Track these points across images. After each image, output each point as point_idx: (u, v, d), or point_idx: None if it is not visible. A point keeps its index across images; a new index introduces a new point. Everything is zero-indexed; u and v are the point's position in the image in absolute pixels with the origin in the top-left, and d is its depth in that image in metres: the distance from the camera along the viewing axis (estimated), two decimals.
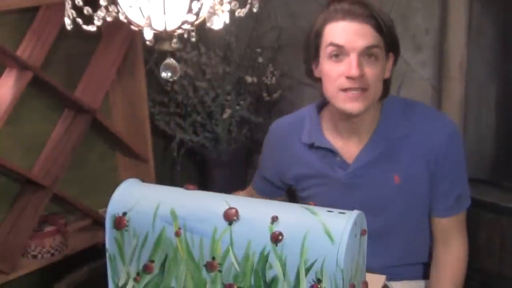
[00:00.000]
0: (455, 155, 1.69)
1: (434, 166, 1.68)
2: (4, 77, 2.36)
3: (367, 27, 1.57)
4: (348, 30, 1.57)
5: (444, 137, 1.67)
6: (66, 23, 1.31)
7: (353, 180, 1.71)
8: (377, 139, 1.69)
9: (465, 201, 1.74)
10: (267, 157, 1.92)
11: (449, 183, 1.70)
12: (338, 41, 1.58)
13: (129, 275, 1.30)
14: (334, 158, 1.73)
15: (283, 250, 1.15)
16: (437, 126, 1.69)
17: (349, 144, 1.72)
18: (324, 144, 1.73)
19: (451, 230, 1.74)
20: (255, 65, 3.02)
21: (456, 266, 1.74)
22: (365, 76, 1.57)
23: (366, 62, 1.58)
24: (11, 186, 2.52)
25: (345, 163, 1.71)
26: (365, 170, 1.70)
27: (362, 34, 1.56)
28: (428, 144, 1.67)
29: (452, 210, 1.72)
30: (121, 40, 2.64)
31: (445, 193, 1.70)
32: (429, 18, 2.57)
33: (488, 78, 2.49)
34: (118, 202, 1.30)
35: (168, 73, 1.36)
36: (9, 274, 2.37)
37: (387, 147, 1.68)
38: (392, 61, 1.68)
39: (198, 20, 1.31)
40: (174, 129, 3.02)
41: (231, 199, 1.23)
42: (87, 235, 2.72)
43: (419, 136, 1.68)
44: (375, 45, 1.57)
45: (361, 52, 1.57)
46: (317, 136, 1.75)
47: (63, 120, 2.62)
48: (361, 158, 1.70)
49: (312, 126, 1.77)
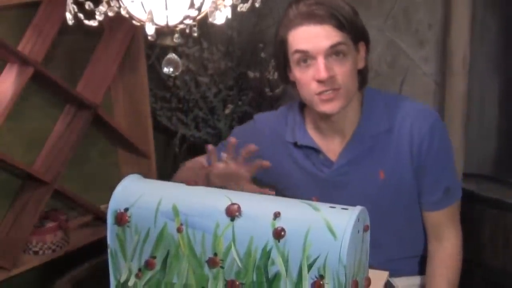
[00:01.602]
0: (439, 147, 1.68)
1: (417, 159, 1.67)
2: (5, 72, 2.36)
3: (327, 27, 1.56)
4: (309, 34, 1.56)
5: (427, 129, 1.66)
6: (68, 18, 1.31)
7: (338, 178, 1.71)
8: (360, 135, 1.69)
9: (455, 193, 1.73)
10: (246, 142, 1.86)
11: (435, 176, 1.69)
12: (302, 47, 1.58)
13: (130, 271, 1.30)
14: (317, 156, 1.73)
15: (286, 246, 1.14)
16: (419, 119, 1.68)
17: (332, 142, 1.72)
18: (307, 143, 1.73)
19: (443, 224, 1.73)
20: (257, 60, 3.02)
21: (449, 261, 1.73)
22: (335, 77, 1.58)
23: (334, 62, 1.58)
24: (12, 182, 2.52)
25: (329, 161, 1.71)
26: (350, 167, 1.70)
27: (324, 36, 1.56)
28: (411, 137, 1.66)
29: (441, 203, 1.71)
30: (122, 35, 2.63)
31: (432, 186, 1.70)
32: (432, 13, 2.56)
33: (491, 73, 2.48)
34: (120, 198, 1.30)
35: (170, 68, 1.35)
36: (10, 270, 2.38)
37: (371, 143, 1.68)
38: (364, 50, 1.67)
39: (200, 15, 1.30)
40: (176, 125, 3.02)
41: (233, 195, 1.22)
42: (88, 231, 2.72)
43: (402, 130, 1.67)
44: (339, 42, 1.57)
45: (327, 53, 1.56)
46: (300, 134, 1.75)
47: (65, 116, 2.62)
48: (344, 155, 1.70)
49: (296, 124, 1.77)
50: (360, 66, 1.66)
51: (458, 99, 2.47)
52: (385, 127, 1.68)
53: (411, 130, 1.66)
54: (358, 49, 1.64)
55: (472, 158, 2.47)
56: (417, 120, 1.67)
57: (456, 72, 2.46)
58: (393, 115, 1.69)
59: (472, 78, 2.47)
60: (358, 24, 1.63)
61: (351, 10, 1.61)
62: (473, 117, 2.51)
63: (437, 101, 2.56)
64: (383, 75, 2.68)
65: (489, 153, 2.52)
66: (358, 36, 1.63)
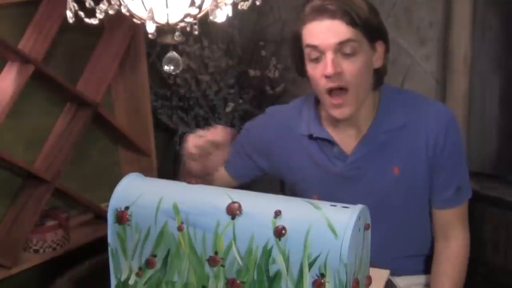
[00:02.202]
0: (453, 145, 1.68)
1: (432, 157, 1.67)
2: (5, 70, 2.36)
3: (337, 23, 1.54)
4: (319, 29, 1.55)
5: (442, 126, 1.66)
6: (68, 16, 1.30)
7: (351, 172, 1.70)
8: (375, 130, 1.68)
9: (465, 193, 1.73)
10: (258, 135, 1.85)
11: (448, 173, 1.69)
12: (312, 41, 1.57)
13: (131, 269, 1.30)
14: (332, 149, 1.72)
15: (287, 244, 1.14)
16: (435, 116, 1.68)
17: (347, 135, 1.71)
18: (323, 135, 1.72)
19: (451, 223, 1.73)
20: (258, 59, 3.02)
21: (455, 261, 1.73)
22: (343, 73, 1.56)
23: (343, 59, 1.56)
24: (12, 180, 2.52)
25: (344, 154, 1.70)
26: (364, 162, 1.69)
27: (333, 31, 1.54)
28: (426, 134, 1.66)
29: (451, 201, 1.71)
30: (123, 33, 2.63)
31: (445, 184, 1.69)
32: (433, 11, 2.55)
33: (492, 71, 2.47)
34: (120, 196, 1.30)
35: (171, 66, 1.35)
36: (10, 268, 2.37)
37: (386, 138, 1.67)
38: (383, 49, 1.65)
39: (201, 13, 1.30)
40: (177, 123, 3.02)
41: (234, 193, 1.22)
42: (89, 230, 2.72)
43: (417, 126, 1.67)
44: (348, 39, 1.54)
45: (336, 49, 1.55)
46: (315, 127, 1.74)
47: (65, 114, 2.62)
48: (359, 149, 1.69)
49: (311, 116, 1.76)
50: (377, 65, 1.64)
51: (459, 97, 2.46)
52: (400, 123, 1.67)
53: (427, 127, 1.66)
54: (374, 48, 1.62)
55: (474, 156, 2.46)
56: (433, 118, 1.67)
57: (457, 70, 2.46)
58: (410, 112, 1.68)
59: (473, 76, 2.46)
60: (374, 23, 1.60)
61: (368, 8, 1.59)
62: (474, 116, 2.51)
63: (438, 100, 2.55)
64: None
65: (491, 152, 2.52)
66: (374, 34, 1.60)
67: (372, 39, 1.60)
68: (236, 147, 1.84)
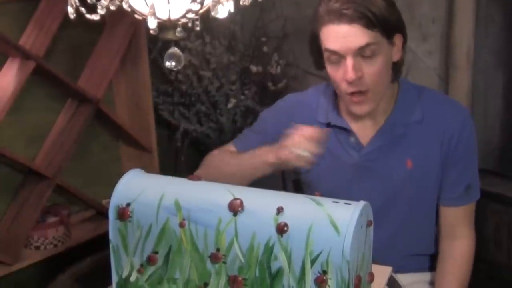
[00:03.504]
0: (468, 142, 1.69)
1: (446, 152, 1.68)
2: (6, 66, 2.35)
3: (357, 27, 1.52)
4: (338, 34, 1.54)
5: (458, 123, 1.67)
6: (69, 12, 1.30)
7: (366, 163, 1.70)
8: (392, 123, 1.68)
9: (475, 192, 1.73)
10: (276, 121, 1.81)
11: (460, 170, 1.69)
12: (332, 47, 1.56)
13: (132, 266, 1.29)
14: (348, 138, 1.72)
15: (289, 241, 1.13)
16: (452, 112, 1.69)
17: (364, 126, 1.71)
18: (340, 123, 1.72)
19: (458, 222, 1.73)
20: (260, 55, 3.01)
21: (461, 261, 1.73)
22: (364, 77, 1.56)
23: (363, 61, 1.56)
24: (13, 176, 2.52)
25: (360, 144, 1.70)
26: (379, 154, 1.69)
27: (353, 36, 1.53)
28: (442, 129, 1.67)
29: (460, 199, 1.71)
30: (124, 29, 2.63)
31: (455, 181, 1.70)
32: (435, 7, 2.55)
33: (495, 67, 2.47)
34: (122, 193, 1.29)
35: (172, 62, 1.34)
36: (12, 265, 2.37)
37: (402, 131, 1.68)
38: (401, 41, 1.64)
39: (203, 9, 1.30)
40: (178, 119, 3.01)
41: (235, 190, 1.22)
42: (90, 226, 2.71)
43: (434, 121, 1.68)
44: (368, 43, 1.54)
45: (356, 53, 1.54)
46: (333, 115, 1.74)
47: (66, 110, 2.62)
48: (375, 141, 1.69)
49: (329, 105, 1.75)
50: (396, 58, 1.64)
51: (462, 93, 2.46)
52: (417, 117, 1.68)
53: (443, 123, 1.67)
54: (393, 42, 1.61)
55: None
56: (449, 115, 1.68)
57: (460, 66, 2.45)
58: (426, 107, 1.69)
59: (476, 72, 2.46)
60: (391, 18, 1.58)
61: (385, 3, 1.56)
62: (477, 111, 2.50)
63: None
64: None
65: (493, 148, 2.51)
66: (392, 30, 1.59)
67: (390, 35, 1.59)
68: (250, 135, 1.86)
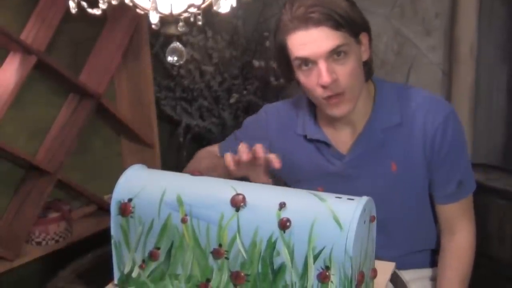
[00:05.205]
0: (452, 139, 1.64)
1: (431, 152, 1.64)
2: (8, 61, 2.35)
3: (325, 29, 1.50)
4: (307, 39, 1.51)
5: (439, 122, 1.63)
6: (71, 6, 1.30)
7: (349, 170, 1.68)
8: (371, 129, 1.65)
9: (468, 187, 1.71)
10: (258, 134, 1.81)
11: (448, 168, 1.67)
12: (302, 53, 1.52)
13: (134, 262, 1.29)
14: (328, 149, 1.70)
15: (291, 237, 1.13)
16: (433, 111, 1.64)
17: (343, 134, 1.69)
18: (318, 136, 1.70)
19: (456, 217, 1.71)
20: (262, 49, 3.00)
21: (461, 255, 1.72)
22: (338, 80, 1.53)
23: (335, 64, 1.52)
24: (15, 172, 2.51)
25: (340, 154, 1.69)
26: (361, 161, 1.67)
27: (323, 39, 1.50)
28: (424, 129, 1.63)
29: (454, 196, 1.69)
30: (126, 23, 2.62)
31: (445, 179, 1.67)
32: (438, 1, 2.54)
33: (499, 62, 2.46)
34: (124, 188, 1.29)
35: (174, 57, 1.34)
36: (13, 261, 2.37)
37: (382, 136, 1.65)
38: (367, 40, 1.61)
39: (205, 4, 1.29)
40: (180, 114, 3.01)
41: (238, 185, 1.21)
42: (92, 222, 2.71)
43: (414, 122, 1.64)
44: (339, 45, 1.51)
45: (327, 57, 1.51)
46: (310, 127, 1.72)
47: (68, 105, 2.61)
48: (355, 149, 1.67)
49: (306, 117, 1.74)
50: (365, 57, 1.61)
51: (465, 88, 2.45)
52: (397, 120, 1.65)
53: (424, 122, 1.63)
54: (360, 41, 1.59)
55: (480, 148, 2.45)
56: (431, 112, 1.64)
57: (463, 60, 2.44)
58: (406, 107, 1.65)
59: (479, 66, 2.45)
60: (356, 18, 1.56)
61: (347, 4, 1.54)
62: (481, 107, 2.50)
63: (444, 90, 2.54)
64: (390, 64, 2.66)
65: (497, 143, 2.51)
66: (358, 29, 1.57)
67: (357, 35, 1.57)
68: (232, 141, 1.87)
